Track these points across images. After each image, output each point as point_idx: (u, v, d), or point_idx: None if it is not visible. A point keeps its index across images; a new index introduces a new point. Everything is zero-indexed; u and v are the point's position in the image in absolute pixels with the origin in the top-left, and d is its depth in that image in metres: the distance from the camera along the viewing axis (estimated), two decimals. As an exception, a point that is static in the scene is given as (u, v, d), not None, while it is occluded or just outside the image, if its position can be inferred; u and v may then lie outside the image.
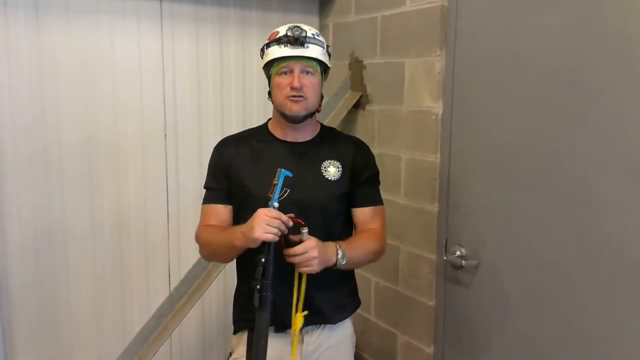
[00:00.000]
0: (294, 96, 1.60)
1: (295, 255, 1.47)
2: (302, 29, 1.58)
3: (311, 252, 1.47)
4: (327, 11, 2.77)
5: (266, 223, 1.42)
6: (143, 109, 2.41)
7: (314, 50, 1.60)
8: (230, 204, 1.71)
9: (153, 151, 2.45)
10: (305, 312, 1.59)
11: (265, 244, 1.45)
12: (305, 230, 1.49)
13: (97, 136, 2.31)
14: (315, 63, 1.62)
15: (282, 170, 1.45)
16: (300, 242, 1.49)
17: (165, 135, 2.48)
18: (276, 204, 1.45)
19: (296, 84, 1.58)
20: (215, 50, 2.57)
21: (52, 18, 2.17)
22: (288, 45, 1.58)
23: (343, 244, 1.63)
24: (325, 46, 1.65)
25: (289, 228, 1.48)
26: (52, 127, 2.22)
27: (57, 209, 2.26)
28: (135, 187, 2.43)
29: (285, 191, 1.46)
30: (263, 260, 1.44)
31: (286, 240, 1.51)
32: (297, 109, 1.62)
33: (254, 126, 1.85)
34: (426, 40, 2.14)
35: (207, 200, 1.74)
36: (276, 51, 1.60)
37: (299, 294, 1.56)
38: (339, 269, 1.59)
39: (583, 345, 1.66)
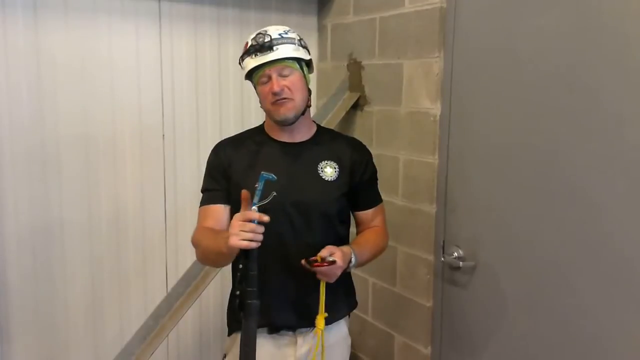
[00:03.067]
0: (277, 100, 1.61)
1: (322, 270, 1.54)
2: (264, 34, 1.58)
3: (337, 270, 1.55)
4: (326, 12, 2.77)
5: (240, 229, 1.38)
6: (141, 108, 2.41)
7: (283, 51, 1.59)
8: (229, 205, 1.69)
9: (151, 151, 2.45)
10: (326, 314, 1.63)
11: (242, 251, 1.41)
12: (332, 259, 1.53)
13: (95, 135, 2.31)
14: (290, 61, 1.61)
15: (263, 173, 1.40)
16: (324, 260, 1.53)
17: (163, 136, 2.48)
18: (255, 208, 1.39)
19: (275, 88, 1.59)
20: (213, 50, 2.57)
21: (50, 17, 2.16)
22: (257, 53, 1.58)
23: (356, 248, 1.66)
24: (296, 41, 1.63)
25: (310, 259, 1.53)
26: (50, 126, 2.21)
27: (54, 207, 2.25)
28: (132, 186, 2.42)
29: (272, 195, 1.41)
30: (240, 266, 1.42)
31: (313, 261, 1.54)
32: (284, 112, 1.62)
33: (251, 127, 1.85)
34: (424, 41, 2.15)
35: (205, 201, 1.71)
36: (249, 62, 1.61)
37: (323, 297, 1.62)
38: None
39: (580, 346, 1.66)
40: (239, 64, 1.68)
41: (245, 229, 1.37)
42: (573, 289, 1.66)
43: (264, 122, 1.80)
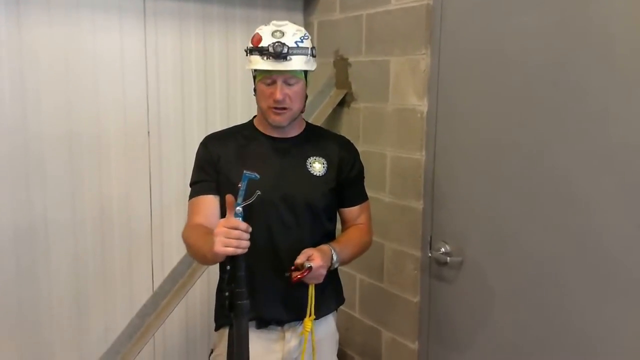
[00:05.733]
0: (276, 108, 1.62)
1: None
2: (283, 44, 1.55)
3: (321, 270, 1.56)
4: (312, 9, 2.77)
5: (225, 236, 1.36)
6: (126, 105, 2.38)
7: (296, 63, 1.58)
8: (219, 195, 1.69)
9: (136, 148, 2.43)
10: (313, 317, 1.65)
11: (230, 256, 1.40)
12: (309, 264, 1.54)
13: (79, 133, 2.28)
14: (299, 72, 1.62)
15: (246, 173, 1.38)
16: (303, 266, 1.54)
17: (148, 132, 2.46)
18: (239, 208, 1.38)
19: (279, 96, 1.59)
20: (199, 47, 2.55)
21: (33, 13, 2.13)
22: (270, 58, 1.56)
23: (337, 245, 1.68)
24: (309, 51, 1.63)
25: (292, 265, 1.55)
26: (33, 124, 2.18)
27: (38, 207, 2.22)
28: (117, 184, 2.40)
29: (256, 194, 1.41)
30: (228, 267, 1.41)
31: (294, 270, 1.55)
32: (279, 120, 1.65)
33: (239, 123, 1.86)
34: (411, 38, 2.16)
35: (196, 193, 1.71)
36: (258, 62, 1.58)
37: (312, 300, 1.64)
38: None
39: (566, 341, 1.68)
40: (246, 53, 1.65)
41: (230, 236, 1.36)
42: (560, 285, 1.68)
43: (254, 117, 1.81)
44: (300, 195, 1.67)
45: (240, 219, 1.38)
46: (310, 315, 1.65)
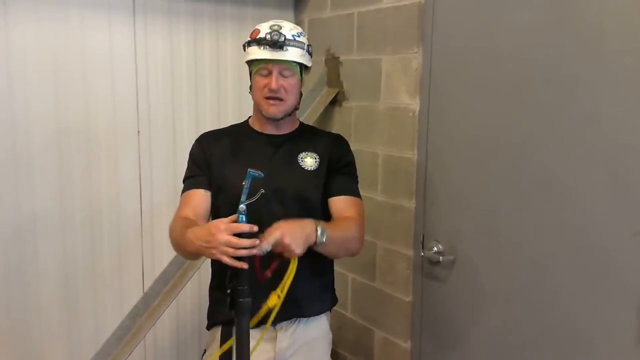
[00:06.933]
0: (271, 98, 1.64)
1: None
2: (281, 33, 1.60)
3: (287, 239, 1.40)
4: (303, 6, 2.75)
5: (227, 245, 1.35)
6: (115, 104, 2.36)
7: (292, 54, 1.63)
8: (210, 190, 1.71)
9: (125, 148, 2.40)
10: (281, 296, 1.50)
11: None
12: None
13: (68, 132, 2.25)
14: (294, 64, 1.65)
15: (250, 171, 1.37)
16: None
17: (138, 132, 2.43)
18: (243, 207, 1.37)
19: (274, 86, 1.62)
20: (189, 45, 2.53)
21: (20, 9, 2.10)
22: (267, 47, 1.60)
23: (321, 222, 1.55)
24: (305, 47, 1.68)
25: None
26: (21, 123, 2.15)
27: (27, 206, 2.19)
28: (107, 184, 2.37)
29: (260, 192, 1.41)
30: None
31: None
32: (273, 111, 1.67)
33: (232, 123, 1.88)
34: (403, 37, 2.15)
35: (188, 187, 1.73)
36: (256, 52, 1.63)
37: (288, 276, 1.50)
38: (318, 255, 1.56)
39: (559, 338, 1.68)
40: (243, 45, 1.69)
41: (232, 245, 1.35)
42: (552, 282, 1.69)
43: (249, 118, 1.83)
44: (290, 188, 1.68)
45: (243, 216, 1.38)
46: (281, 290, 1.48)
